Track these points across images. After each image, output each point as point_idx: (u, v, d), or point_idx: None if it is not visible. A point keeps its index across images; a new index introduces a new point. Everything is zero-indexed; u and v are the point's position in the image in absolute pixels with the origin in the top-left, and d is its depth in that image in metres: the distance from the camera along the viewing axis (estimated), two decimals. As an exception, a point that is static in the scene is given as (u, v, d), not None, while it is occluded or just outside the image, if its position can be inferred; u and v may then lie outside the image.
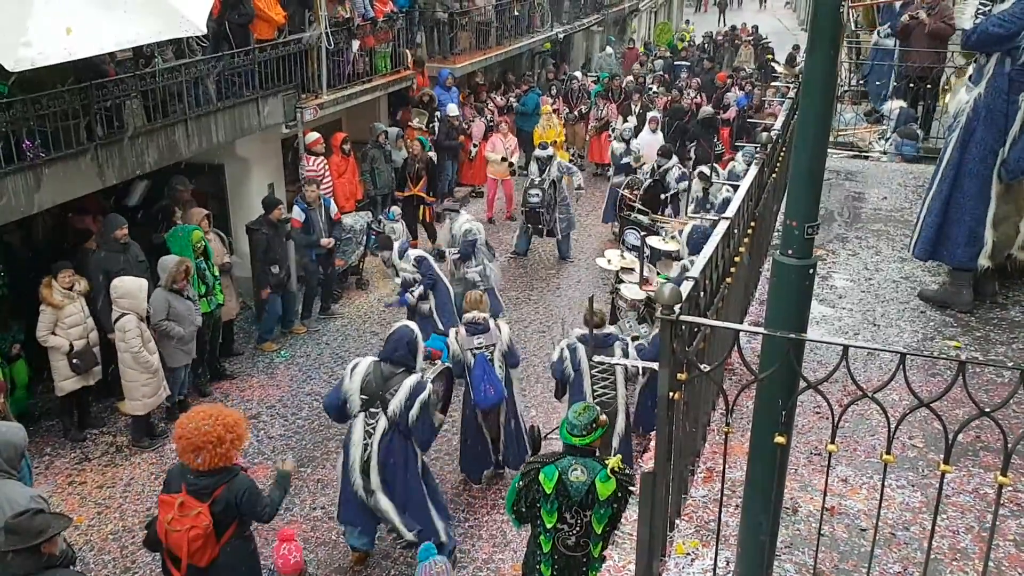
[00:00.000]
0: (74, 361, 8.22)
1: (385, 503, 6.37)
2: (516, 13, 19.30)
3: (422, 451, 6.56)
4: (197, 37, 9.29)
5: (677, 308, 2.59)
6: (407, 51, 14.70)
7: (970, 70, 6.17)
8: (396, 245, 9.95)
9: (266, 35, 11.04)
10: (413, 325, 6.73)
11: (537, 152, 13.80)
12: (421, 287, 9.53)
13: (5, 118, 7.49)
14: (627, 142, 15.20)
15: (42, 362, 8.57)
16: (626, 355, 7.08)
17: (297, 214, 10.82)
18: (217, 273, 9.52)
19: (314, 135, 11.96)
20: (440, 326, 9.30)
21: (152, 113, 9.09)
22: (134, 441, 8.63)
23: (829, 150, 7.60)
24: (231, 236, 10.97)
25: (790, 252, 2.70)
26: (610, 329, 7.47)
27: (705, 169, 12.95)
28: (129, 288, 8.06)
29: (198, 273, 9.10)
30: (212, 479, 4.73)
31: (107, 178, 8.55)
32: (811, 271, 2.75)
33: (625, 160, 14.62)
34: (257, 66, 10.69)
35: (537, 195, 13.30)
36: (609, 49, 24.63)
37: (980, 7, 5.50)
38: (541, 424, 8.73)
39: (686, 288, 2.86)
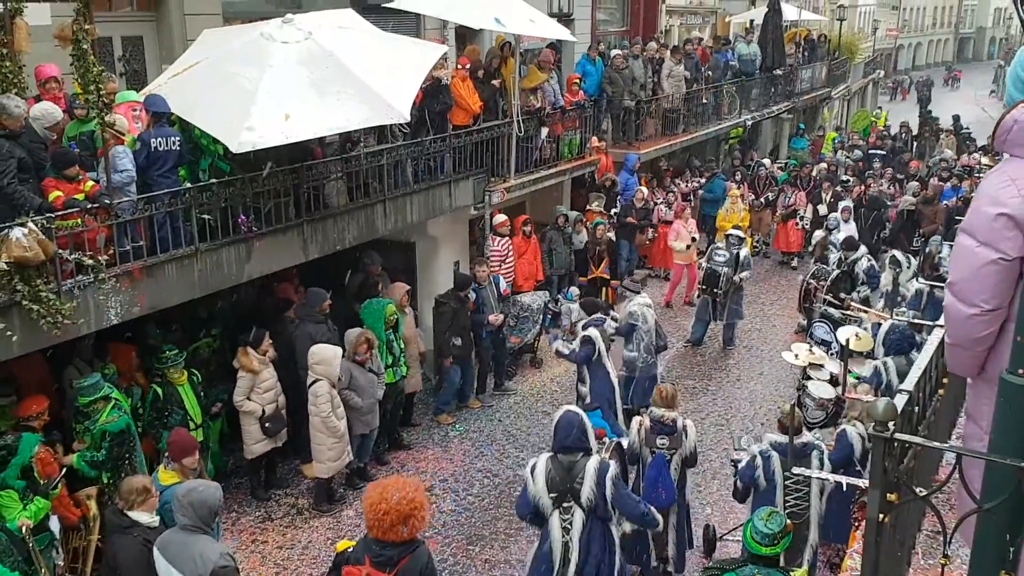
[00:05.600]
0: (266, 425, 8.67)
1: None
2: (704, 100, 19.24)
3: (645, 525, 6.51)
4: (399, 123, 9.85)
5: (891, 425, 2.40)
6: (594, 136, 14.97)
7: None
8: (574, 316, 10.02)
9: (462, 122, 11.55)
10: (576, 408, 6.55)
11: (731, 231, 13.80)
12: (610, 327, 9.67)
13: (225, 194, 8.17)
14: (830, 231, 14.64)
15: (234, 422, 9.05)
16: (823, 465, 6.65)
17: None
18: (404, 346, 9.84)
19: (501, 217, 12.34)
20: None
21: (354, 193, 9.67)
22: (315, 505, 8.94)
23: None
24: (417, 311, 11.36)
25: (1021, 372, 2.48)
26: (807, 437, 6.99)
27: (899, 254, 12.23)
28: (325, 355, 8.44)
29: (386, 345, 9.45)
30: (397, 549, 4.75)
31: (310, 252, 9.13)
32: (1045, 392, 2.49)
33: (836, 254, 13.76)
34: (451, 151, 11.19)
35: (724, 255, 13.02)
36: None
37: None
38: (717, 524, 8.36)
39: (900, 402, 2.66)
